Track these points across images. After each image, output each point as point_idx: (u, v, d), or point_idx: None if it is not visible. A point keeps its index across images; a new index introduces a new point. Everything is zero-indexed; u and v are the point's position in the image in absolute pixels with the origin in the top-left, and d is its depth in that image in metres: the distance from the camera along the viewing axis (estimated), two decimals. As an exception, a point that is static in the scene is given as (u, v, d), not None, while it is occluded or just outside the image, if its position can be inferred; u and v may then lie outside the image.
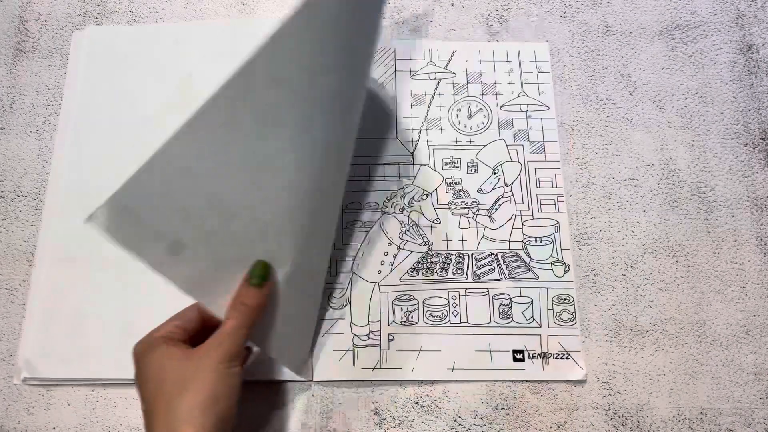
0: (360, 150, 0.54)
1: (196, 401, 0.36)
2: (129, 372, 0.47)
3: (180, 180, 0.38)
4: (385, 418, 0.47)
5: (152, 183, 0.38)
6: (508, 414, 0.48)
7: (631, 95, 0.57)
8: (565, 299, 0.50)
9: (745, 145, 0.56)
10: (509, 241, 0.52)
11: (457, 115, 0.56)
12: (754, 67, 0.58)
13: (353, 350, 0.49)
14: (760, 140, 0.56)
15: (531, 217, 0.53)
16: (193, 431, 0.35)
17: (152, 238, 0.39)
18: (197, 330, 0.41)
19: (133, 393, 0.47)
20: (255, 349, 0.46)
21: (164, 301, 0.48)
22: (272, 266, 0.41)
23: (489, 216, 0.53)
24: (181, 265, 0.40)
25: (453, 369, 0.48)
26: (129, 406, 0.47)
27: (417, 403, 0.48)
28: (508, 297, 0.50)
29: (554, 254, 0.52)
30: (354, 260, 0.51)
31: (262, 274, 0.40)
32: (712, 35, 0.59)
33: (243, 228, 0.40)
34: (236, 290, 0.40)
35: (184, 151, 0.38)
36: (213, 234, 0.40)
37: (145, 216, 0.38)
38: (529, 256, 0.52)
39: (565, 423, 0.47)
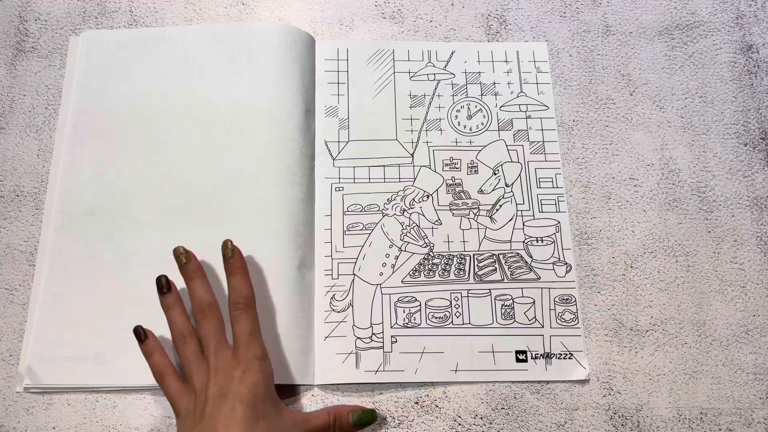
0: (360, 152, 0.54)
1: None
2: (131, 379, 0.47)
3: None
4: (385, 418, 0.47)
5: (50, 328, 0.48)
6: (508, 414, 0.48)
7: (631, 95, 0.57)
8: (567, 299, 0.50)
9: (745, 145, 0.56)
10: (510, 242, 0.52)
11: (456, 116, 0.56)
12: (754, 67, 0.58)
13: (356, 353, 0.49)
14: (760, 140, 0.56)
15: (532, 218, 0.53)
16: None
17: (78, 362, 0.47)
18: None
19: (132, 393, 0.47)
20: None
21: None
22: None
23: (490, 217, 0.53)
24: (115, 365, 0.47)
25: (456, 371, 0.48)
26: (129, 406, 0.47)
27: (417, 403, 0.48)
28: (510, 297, 0.50)
29: (556, 254, 0.52)
30: (355, 263, 0.51)
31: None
32: (712, 35, 0.59)
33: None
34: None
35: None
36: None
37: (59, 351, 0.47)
38: (531, 257, 0.52)
39: (565, 423, 0.47)
